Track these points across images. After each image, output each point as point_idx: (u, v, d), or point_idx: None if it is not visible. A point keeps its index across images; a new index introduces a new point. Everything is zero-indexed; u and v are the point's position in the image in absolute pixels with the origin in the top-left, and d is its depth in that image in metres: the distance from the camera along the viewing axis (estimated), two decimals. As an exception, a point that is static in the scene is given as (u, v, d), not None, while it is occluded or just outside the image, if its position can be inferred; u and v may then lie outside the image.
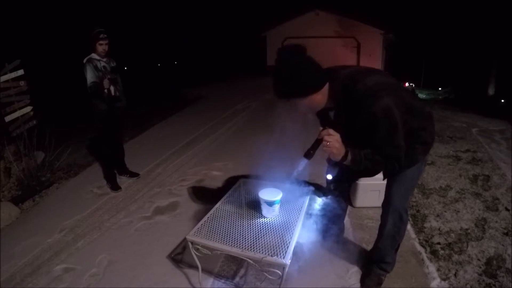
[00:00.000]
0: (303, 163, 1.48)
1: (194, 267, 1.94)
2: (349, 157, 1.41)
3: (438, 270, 2.07)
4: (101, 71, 3.06)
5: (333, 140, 1.37)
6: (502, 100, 6.45)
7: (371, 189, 2.80)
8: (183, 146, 4.84)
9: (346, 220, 2.65)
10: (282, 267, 1.48)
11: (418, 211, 2.80)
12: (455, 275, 2.03)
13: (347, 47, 13.00)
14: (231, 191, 2.19)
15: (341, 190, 2.36)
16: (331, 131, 1.39)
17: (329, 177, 1.97)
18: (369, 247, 2.31)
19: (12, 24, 12.01)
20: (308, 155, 1.44)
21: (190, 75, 15.26)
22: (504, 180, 3.35)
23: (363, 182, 2.75)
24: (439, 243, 2.33)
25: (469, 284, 1.96)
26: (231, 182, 3.28)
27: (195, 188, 3.41)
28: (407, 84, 19.43)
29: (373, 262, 1.99)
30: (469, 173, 3.52)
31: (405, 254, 2.20)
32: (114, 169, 3.57)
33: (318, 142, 1.41)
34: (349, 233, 2.50)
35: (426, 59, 21.12)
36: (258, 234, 1.68)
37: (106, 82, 3.00)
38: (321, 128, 1.43)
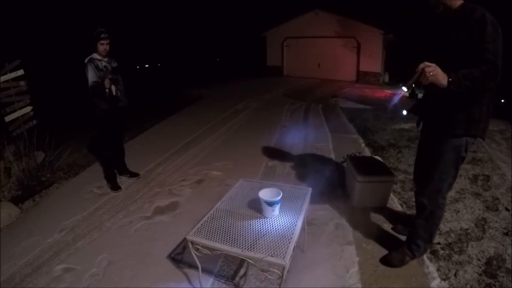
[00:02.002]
0: (400, 93, 1.74)
1: (194, 267, 1.94)
2: (452, 78, 1.54)
3: (438, 270, 2.07)
4: (102, 71, 3.07)
5: (433, 67, 1.53)
6: (502, 100, 6.40)
7: (371, 189, 2.80)
8: (183, 146, 4.84)
9: (346, 220, 2.66)
10: (282, 267, 1.48)
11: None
12: (455, 275, 2.03)
13: (347, 47, 12.98)
14: (231, 191, 2.18)
15: None
16: (427, 62, 1.54)
17: (405, 112, 2.24)
18: (369, 246, 2.32)
19: (13, 23, 12.01)
20: (406, 85, 1.62)
21: (190, 75, 15.26)
22: (504, 180, 3.35)
23: (363, 181, 2.75)
24: (439, 243, 2.33)
25: (469, 284, 1.96)
26: (231, 182, 3.28)
27: (195, 188, 3.41)
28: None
29: (404, 243, 2.13)
30: (469, 173, 3.52)
31: (405, 254, 2.21)
32: (114, 169, 3.58)
33: (417, 74, 1.57)
34: (349, 232, 2.50)
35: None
36: (258, 234, 1.68)
37: (107, 82, 3.00)
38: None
